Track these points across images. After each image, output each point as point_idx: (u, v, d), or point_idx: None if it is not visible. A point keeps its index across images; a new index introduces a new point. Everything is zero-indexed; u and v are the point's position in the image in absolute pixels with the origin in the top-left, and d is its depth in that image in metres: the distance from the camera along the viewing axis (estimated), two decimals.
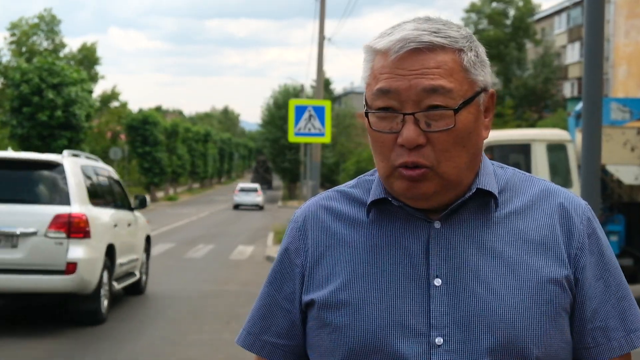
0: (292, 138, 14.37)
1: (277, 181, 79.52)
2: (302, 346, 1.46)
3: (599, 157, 5.86)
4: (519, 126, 32.11)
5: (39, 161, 8.60)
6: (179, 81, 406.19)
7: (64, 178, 8.32)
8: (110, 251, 8.97)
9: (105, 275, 8.74)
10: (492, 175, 1.40)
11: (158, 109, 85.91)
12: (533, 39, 42.88)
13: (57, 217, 8.04)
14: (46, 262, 8.00)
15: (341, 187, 1.50)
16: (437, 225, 1.36)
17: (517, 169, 1.46)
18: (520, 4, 42.43)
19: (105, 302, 8.78)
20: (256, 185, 47.92)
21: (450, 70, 1.31)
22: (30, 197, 8.32)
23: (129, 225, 10.22)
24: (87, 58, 45.77)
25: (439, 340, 1.31)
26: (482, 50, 1.37)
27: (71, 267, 7.98)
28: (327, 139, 14.45)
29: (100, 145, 40.95)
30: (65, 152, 9.01)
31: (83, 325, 8.49)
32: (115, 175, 10.76)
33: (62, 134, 26.01)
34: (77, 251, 8.04)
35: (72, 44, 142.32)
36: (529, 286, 1.32)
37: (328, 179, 50.16)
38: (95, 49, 46.82)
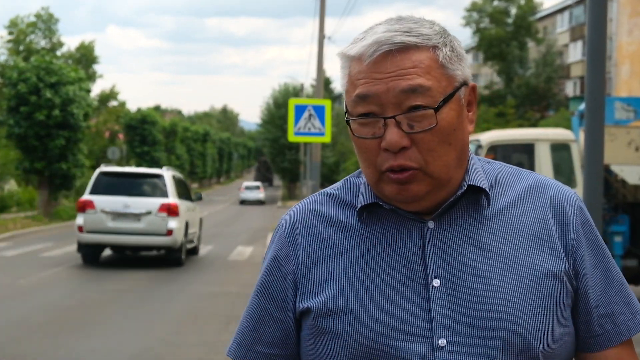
0: (291, 138, 14.28)
1: (277, 180, 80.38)
2: (297, 354, 1.43)
3: (602, 156, 5.85)
4: (520, 125, 31.99)
5: (151, 173, 15.12)
6: (177, 80, 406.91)
7: (164, 183, 14.69)
8: (186, 225, 15.12)
9: (184, 238, 14.86)
10: (481, 171, 1.39)
11: (156, 108, 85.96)
12: (535, 37, 42.70)
13: (162, 205, 14.28)
14: (156, 229, 14.21)
15: (328, 190, 1.46)
16: (430, 225, 1.35)
17: (504, 163, 1.45)
18: (522, 2, 42.24)
19: (183, 255, 15.01)
20: (258, 184, 53.87)
21: (427, 68, 1.30)
22: (147, 193, 14.66)
23: (192, 210, 16.25)
24: (85, 57, 45.65)
25: (442, 342, 1.29)
26: (457, 44, 1.36)
27: (169, 232, 14.21)
28: (327, 138, 14.37)
29: (98, 145, 40.82)
30: (164, 167, 15.70)
31: (158, 271, 14.40)
32: (184, 180, 17.18)
33: (60, 133, 25.87)
34: (172, 223, 14.25)
35: (70, 42, 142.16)
36: (528, 281, 1.31)
37: (328, 179, 50.08)
38: (94, 48, 46.70)
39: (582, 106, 11.05)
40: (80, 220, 14.18)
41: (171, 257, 14.74)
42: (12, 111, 25.73)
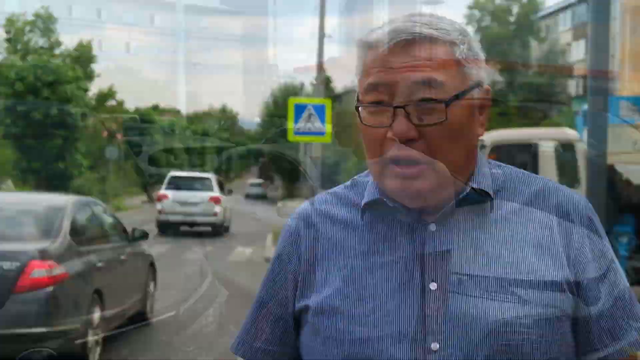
0: (291, 137, 14.17)
1: (277, 180, 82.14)
2: (295, 352, 1.43)
3: (605, 156, 5.77)
4: (523, 125, 31.95)
5: (203, 177, 22.98)
6: (176, 79, 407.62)
7: (211, 182, 22.47)
8: (224, 210, 22.31)
9: (223, 217, 22.04)
10: (488, 174, 1.37)
11: (155, 107, 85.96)
12: (537, 36, 42.66)
13: (211, 197, 21.57)
14: (207, 212, 21.38)
15: (335, 189, 1.47)
16: (432, 227, 1.33)
17: (514, 167, 1.42)
18: (524, 0, 42.20)
19: (222, 229, 22.04)
20: (261, 181, 62.27)
21: (442, 63, 1.29)
22: (201, 188, 22.00)
23: (227, 201, 23.18)
24: (84, 56, 45.50)
25: (434, 346, 1.27)
26: (477, 45, 1.34)
27: (215, 214, 21.47)
28: (327, 138, 14.26)
29: (96, 144, 40.72)
30: (210, 172, 23.29)
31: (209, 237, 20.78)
32: (221, 180, 25.07)
33: (57, 132, 25.79)
34: (217, 208, 21.51)
35: (69, 41, 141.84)
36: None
37: (328, 179, 50.11)
38: (92, 47, 46.53)
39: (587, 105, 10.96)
40: (159, 206, 21.88)
41: (215, 231, 22.08)
42: (9, 110, 25.63)
